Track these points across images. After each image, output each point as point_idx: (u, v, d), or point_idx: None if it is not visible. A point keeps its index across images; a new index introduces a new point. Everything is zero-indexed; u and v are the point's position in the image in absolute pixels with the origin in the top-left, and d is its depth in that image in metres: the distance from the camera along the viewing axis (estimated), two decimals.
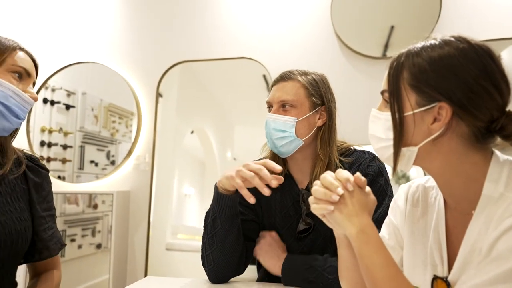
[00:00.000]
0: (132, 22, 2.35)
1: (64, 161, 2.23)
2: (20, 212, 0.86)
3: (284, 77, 1.08)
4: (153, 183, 2.19)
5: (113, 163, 2.29)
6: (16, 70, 0.83)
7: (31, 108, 0.94)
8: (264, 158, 1.14)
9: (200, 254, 1.00)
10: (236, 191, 0.93)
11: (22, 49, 0.87)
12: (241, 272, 1.03)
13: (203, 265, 0.99)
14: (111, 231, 2.07)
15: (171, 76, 2.28)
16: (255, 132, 2.63)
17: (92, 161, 2.27)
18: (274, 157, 1.10)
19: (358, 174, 0.66)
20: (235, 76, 2.33)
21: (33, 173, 0.93)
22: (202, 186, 2.87)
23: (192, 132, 2.60)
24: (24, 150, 0.95)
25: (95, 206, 2.22)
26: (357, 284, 0.69)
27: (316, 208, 0.65)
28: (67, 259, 2.21)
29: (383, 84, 0.68)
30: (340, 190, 0.63)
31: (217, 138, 2.57)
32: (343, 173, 0.66)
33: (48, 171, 0.99)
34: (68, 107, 2.29)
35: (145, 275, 2.13)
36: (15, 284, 0.89)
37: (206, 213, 0.99)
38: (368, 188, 0.67)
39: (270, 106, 1.10)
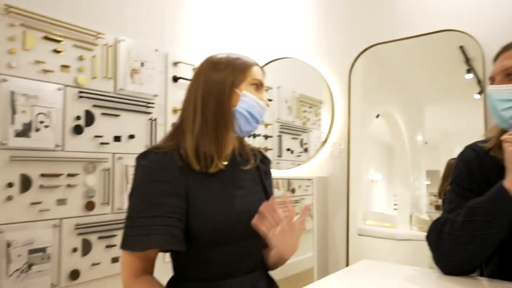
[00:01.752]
0: (321, 16, 2.44)
1: (266, 149, 2.52)
2: (259, 194, 1.05)
3: (508, 47, 0.98)
4: (350, 169, 2.24)
5: (306, 150, 2.45)
6: (254, 83, 0.98)
7: None
8: (488, 140, 1.02)
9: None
10: None
11: (256, 64, 1.02)
12: (474, 271, 0.95)
13: (436, 251, 0.94)
14: (311, 214, 2.22)
15: (358, 62, 2.27)
16: (449, 111, 2.37)
17: (288, 149, 2.49)
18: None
19: None
20: (424, 53, 2.15)
21: (262, 163, 1.11)
22: (389, 171, 2.77)
23: (377, 116, 2.53)
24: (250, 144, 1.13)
25: (293, 190, 2.42)
26: None
27: None
28: None
29: None
30: None
31: (406, 120, 2.43)
32: None
33: (270, 161, 1.16)
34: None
35: (347, 257, 2.21)
36: (261, 252, 1.06)
37: (474, 207, 0.90)
38: None
39: (493, 81, 0.98)
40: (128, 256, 0.87)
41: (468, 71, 2.01)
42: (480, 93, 1.93)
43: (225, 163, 0.98)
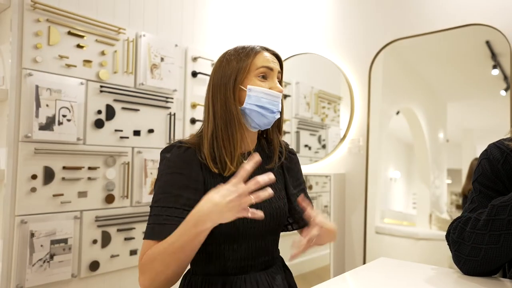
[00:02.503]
0: (340, 11, 2.41)
1: None
2: (279, 192, 1.02)
3: None
4: (368, 166, 2.21)
5: (324, 146, 2.43)
6: (260, 72, 0.94)
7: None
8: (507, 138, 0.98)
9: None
10: None
11: (264, 49, 0.97)
12: (496, 273, 0.92)
13: (456, 250, 0.91)
14: (328, 211, 2.21)
15: (379, 58, 2.23)
16: (473, 108, 2.31)
17: (306, 145, 2.48)
18: None
19: None
20: (448, 48, 2.10)
21: (286, 159, 1.08)
22: (408, 169, 2.73)
23: (397, 113, 2.49)
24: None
25: (310, 187, 2.41)
26: None
27: None
28: (295, 233, 2.50)
29: None
30: None
31: (427, 117, 2.38)
32: None
33: (295, 154, 1.14)
34: (285, 96, 2.55)
35: (364, 255, 2.19)
36: (278, 249, 1.07)
37: (499, 205, 0.86)
38: None
39: None
40: (147, 244, 0.87)
41: (494, 66, 1.95)
42: (506, 89, 1.87)
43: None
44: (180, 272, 0.84)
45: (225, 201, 0.76)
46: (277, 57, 1.00)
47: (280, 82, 1.01)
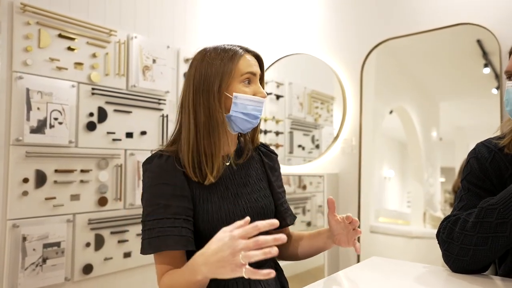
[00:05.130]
0: (332, 11, 2.42)
1: (277, 146, 2.51)
2: (264, 190, 1.02)
3: None
4: (361, 165, 2.22)
5: (317, 146, 2.43)
6: (244, 78, 0.92)
7: None
8: (502, 136, 0.99)
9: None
10: None
11: (247, 51, 0.95)
12: (485, 270, 0.93)
13: (446, 249, 0.91)
14: (322, 211, 2.21)
15: (371, 58, 2.24)
16: (465, 107, 2.32)
17: (299, 145, 2.48)
18: None
19: None
20: (439, 47, 2.11)
21: (267, 158, 1.09)
22: (402, 168, 2.73)
23: (391, 112, 2.50)
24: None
25: (304, 187, 2.42)
26: None
27: None
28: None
29: None
30: None
31: (420, 116, 2.39)
32: None
33: (277, 155, 1.14)
34: (278, 97, 2.55)
35: (358, 255, 2.19)
36: None
37: (487, 208, 0.87)
38: None
39: (509, 75, 0.95)
40: (157, 258, 0.87)
41: (486, 65, 1.96)
42: (498, 88, 1.88)
43: (228, 163, 0.97)
44: None
45: (216, 258, 0.70)
46: (258, 58, 0.98)
47: (262, 82, 1.01)
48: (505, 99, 0.95)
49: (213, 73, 0.91)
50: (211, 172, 0.90)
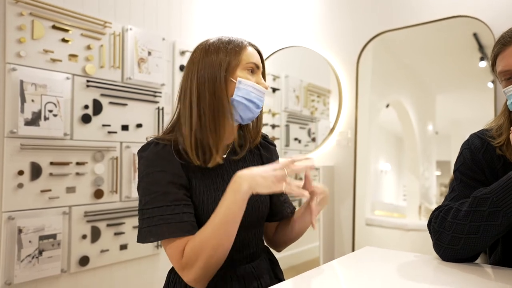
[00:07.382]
0: (328, 4, 2.41)
1: (273, 139, 2.52)
2: None
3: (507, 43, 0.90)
4: (356, 158, 2.23)
5: (314, 140, 2.43)
6: (249, 67, 0.94)
7: None
8: (494, 136, 0.98)
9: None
10: None
11: (250, 44, 0.98)
12: (475, 259, 0.94)
13: (437, 239, 0.92)
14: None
15: (367, 51, 2.24)
16: (461, 100, 2.33)
17: (295, 139, 2.48)
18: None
19: None
20: (436, 40, 2.11)
21: (264, 150, 1.08)
22: (399, 161, 2.74)
23: (387, 105, 2.50)
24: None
25: (300, 180, 2.42)
26: None
27: None
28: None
29: None
30: None
31: (416, 110, 2.40)
32: None
33: (275, 145, 1.13)
34: (274, 90, 2.55)
35: (353, 247, 2.21)
36: (262, 241, 1.07)
37: (480, 197, 0.87)
38: None
39: (505, 76, 0.92)
40: (168, 244, 0.86)
41: (482, 58, 1.96)
42: (493, 81, 1.89)
43: (224, 156, 0.97)
44: (227, 249, 0.85)
45: (260, 170, 0.84)
46: (259, 53, 1.00)
47: (263, 76, 1.01)
48: (509, 103, 0.93)
49: (219, 60, 0.92)
50: (217, 151, 0.91)
